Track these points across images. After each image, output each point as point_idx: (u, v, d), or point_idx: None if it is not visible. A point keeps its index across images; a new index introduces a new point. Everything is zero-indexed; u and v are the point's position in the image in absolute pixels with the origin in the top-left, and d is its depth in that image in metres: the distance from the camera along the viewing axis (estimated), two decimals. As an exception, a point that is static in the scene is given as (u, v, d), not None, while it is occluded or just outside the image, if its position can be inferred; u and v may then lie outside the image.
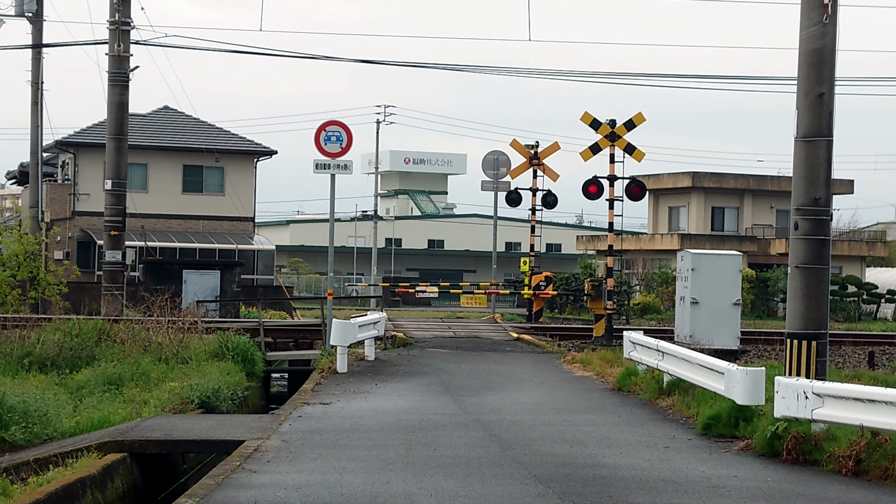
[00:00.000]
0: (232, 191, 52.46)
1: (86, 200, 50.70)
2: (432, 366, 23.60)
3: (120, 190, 31.91)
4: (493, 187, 39.75)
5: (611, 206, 29.60)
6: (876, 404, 12.85)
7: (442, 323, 34.40)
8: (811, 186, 16.50)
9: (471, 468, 12.77)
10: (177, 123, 54.79)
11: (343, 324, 22.75)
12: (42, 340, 22.96)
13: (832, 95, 16.52)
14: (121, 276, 32.07)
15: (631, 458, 13.59)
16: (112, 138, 31.90)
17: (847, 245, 65.86)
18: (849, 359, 28.37)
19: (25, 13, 39.70)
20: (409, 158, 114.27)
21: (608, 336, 28.94)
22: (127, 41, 31.74)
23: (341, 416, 16.78)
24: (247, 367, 24.27)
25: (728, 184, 64.74)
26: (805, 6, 16.47)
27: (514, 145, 38.22)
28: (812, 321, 16.46)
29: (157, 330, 24.87)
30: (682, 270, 28.64)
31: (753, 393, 15.10)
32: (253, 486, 11.79)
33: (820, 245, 16.52)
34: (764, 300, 59.01)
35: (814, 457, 13.42)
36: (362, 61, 40.10)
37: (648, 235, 66.04)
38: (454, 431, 15.36)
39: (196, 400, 19.10)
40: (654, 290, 57.07)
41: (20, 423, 16.02)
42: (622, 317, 46.65)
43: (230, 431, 15.50)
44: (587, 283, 31.12)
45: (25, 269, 38.35)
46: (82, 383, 20.44)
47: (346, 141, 25.54)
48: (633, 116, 29.67)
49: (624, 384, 20.31)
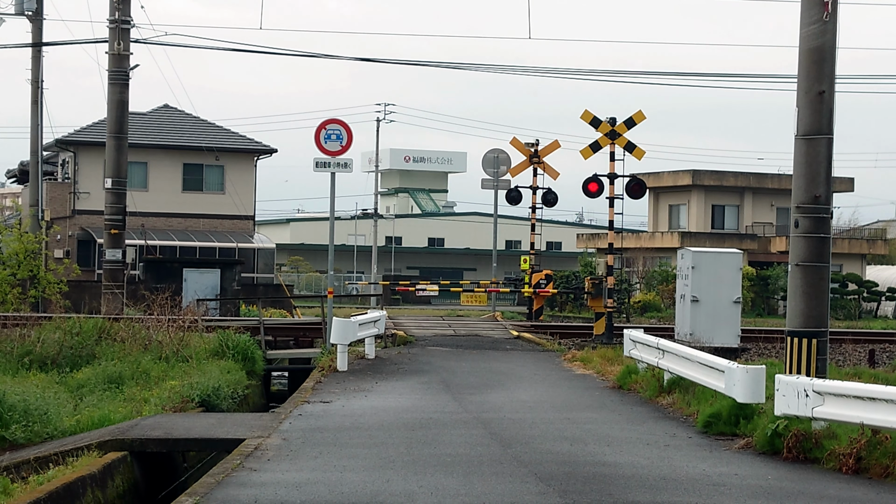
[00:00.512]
0: (232, 189, 52.47)
1: (86, 199, 50.72)
2: (433, 364, 23.61)
3: (120, 188, 31.94)
4: (493, 185, 39.76)
5: (611, 205, 29.60)
6: (876, 402, 12.85)
7: (442, 321, 34.41)
8: (811, 184, 16.50)
9: (471, 466, 12.77)
10: (177, 122, 54.80)
11: (343, 322, 22.75)
12: (42, 339, 22.96)
13: (832, 93, 16.51)
14: (121, 275, 32.10)
15: (631, 456, 13.59)
16: (112, 137, 31.92)
17: (847, 243, 65.86)
18: (849, 357, 28.36)
19: (25, 12, 39.71)
20: (410, 157, 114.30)
21: (608, 334, 28.94)
22: (127, 40, 31.77)
23: (342, 414, 16.78)
24: (247, 365, 24.26)
25: (728, 182, 64.76)
26: (805, 4, 16.45)
27: (515, 143, 38.23)
28: (812, 319, 16.45)
29: (157, 328, 24.87)
30: (682, 268, 28.64)
31: (754, 391, 15.11)
32: (253, 485, 11.79)
33: (820, 243, 16.52)
34: (764, 298, 59.01)
35: (814, 455, 13.42)
36: (362, 59, 40.15)
37: (649, 233, 66.04)
38: (455, 429, 15.36)
39: (196, 398, 19.10)
40: (654, 288, 57.07)
41: (21, 421, 16.02)
42: (622, 315, 46.63)
43: (230, 430, 15.50)
44: (587, 282, 31.12)
45: (26, 267, 38.36)
46: (83, 382, 20.44)
47: (346, 139, 25.54)
48: (634, 114, 29.65)
49: (624, 382, 20.31)
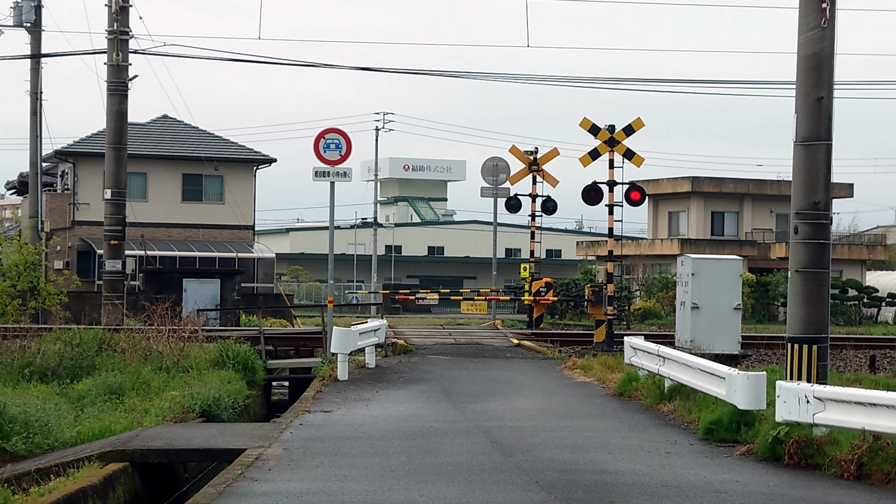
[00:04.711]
0: (231, 199, 52.46)
1: (85, 210, 50.71)
2: (433, 373, 23.59)
3: (119, 199, 31.94)
4: (492, 193, 39.75)
5: (610, 212, 29.59)
6: (877, 408, 12.85)
7: (442, 330, 34.38)
8: (811, 190, 16.50)
9: (473, 475, 12.76)
10: (176, 132, 54.81)
11: (344, 331, 22.74)
12: (42, 350, 22.93)
13: (831, 99, 16.52)
14: (121, 286, 32.09)
15: (632, 464, 13.58)
16: (111, 147, 31.93)
17: (847, 249, 65.84)
18: (850, 363, 28.33)
19: (24, 23, 39.76)
20: (409, 165, 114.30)
21: (609, 342, 28.92)
22: (125, 50, 31.80)
23: (342, 423, 16.77)
24: (247, 375, 24.24)
25: (728, 188, 64.78)
26: (803, 10, 16.48)
27: (514, 151, 38.22)
28: (813, 325, 16.45)
29: (157, 339, 24.84)
30: (682, 275, 28.64)
31: (755, 397, 15.10)
32: (255, 495, 11.78)
33: (820, 249, 16.52)
34: (764, 304, 59.00)
35: (816, 461, 13.41)
36: (361, 69, 40.32)
37: (648, 240, 66.04)
38: (456, 438, 15.35)
39: (197, 409, 19.08)
40: (654, 296, 57.07)
41: (21, 433, 16.00)
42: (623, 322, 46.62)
43: (231, 440, 15.49)
44: (587, 289, 31.10)
45: (25, 279, 38.34)
46: (83, 393, 20.41)
47: (346, 148, 25.54)
48: (632, 122, 29.65)
49: (625, 389, 20.29)
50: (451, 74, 60.10)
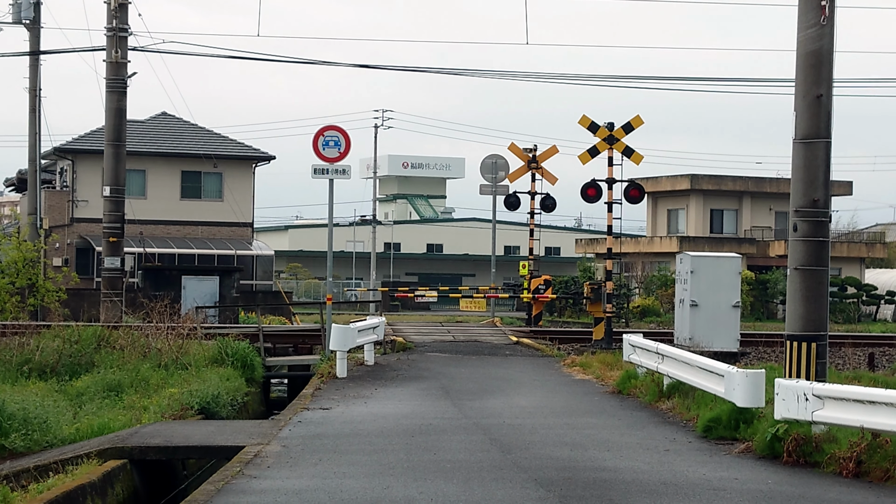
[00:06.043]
0: (230, 196, 52.46)
1: (84, 207, 50.71)
2: (432, 370, 23.59)
3: (118, 196, 31.93)
4: (491, 191, 39.75)
5: (609, 210, 29.58)
6: (876, 406, 12.85)
7: (441, 327, 34.38)
8: (810, 188, 16.50)
9: (471, 472, 12.76)
10: (175, 129, 54.80)
11: (342, 329, 22.74)
12: (41, 347, 22.94)
13: (830, 97, 16.52)
14: (120, 283, 32.08)
15: (631, 462, 13.58)
16: (110, 145, 31.91)
17: (846, 246, 65.89)
18: (849, 360, 28.36)
19: (23, 20, 39.75)
20: (408, 163, 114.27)
21: (608, 339, 28.91)
22: (124, 48, 31.77)
23: (341, 421, 16.77)
24: (246, 372, 24.25)
25: (727, 186, 64.79)
26: (802, 8, 16.47)
27: (513, 149, 38.22)
28: (812, 323, 16.45)
29: (156, 336, 24.84)
30: (681, 273, 28.64)
31: (753, 395, 15.10)
32: (253, 492, 11.78)
33: (819, 247, 16.52)
34: (763, 302, 59.02)
35: (814, 458, 13.41)
36: (360, 66, 40.30)
37: (647, 238, 66.07)
38: (454, 436, 15.35)
39: (196, 406, 19.08)
40: (653, 293, 57.08)
41: (20, 430, 16.00)
42: (621, 320, 46.64)
43: (230, 437, 15.49)
44: (586, 287, 31.09)
45: (24, 276, 38.33)
46: (82, 390, 20.42)
47: (345, 146, 25.53)
48: (632, 119, 29.65)
49: (624, 387, 20.29)
50: (451, 72, 60.00)
